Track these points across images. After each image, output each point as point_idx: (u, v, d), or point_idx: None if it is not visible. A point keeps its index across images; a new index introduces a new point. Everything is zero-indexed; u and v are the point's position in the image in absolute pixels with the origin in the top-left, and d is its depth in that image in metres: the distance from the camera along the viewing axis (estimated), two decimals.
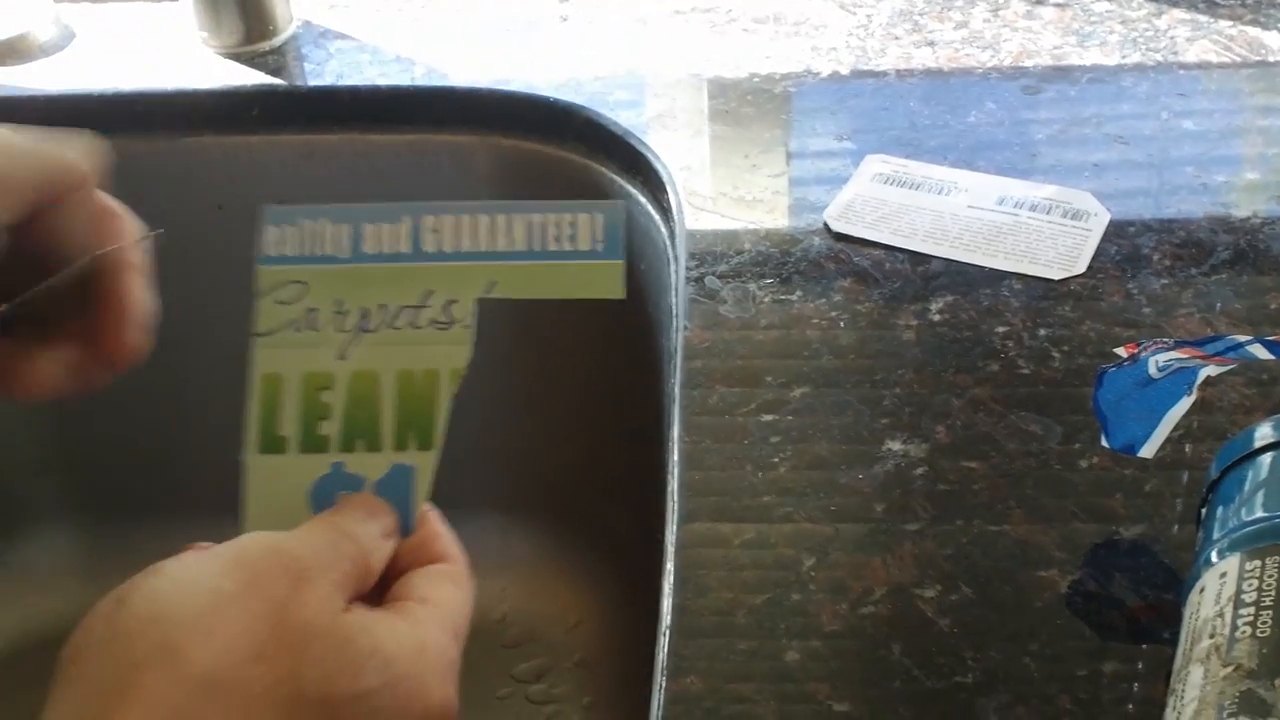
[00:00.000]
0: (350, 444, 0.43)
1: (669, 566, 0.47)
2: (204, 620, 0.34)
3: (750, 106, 0.68)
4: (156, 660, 0.34)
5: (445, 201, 0.43)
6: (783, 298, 0.56)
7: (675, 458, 0.50)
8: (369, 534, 0.40)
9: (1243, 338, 0.43)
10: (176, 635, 0.34)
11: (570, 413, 0.80)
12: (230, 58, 0.75)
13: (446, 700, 0.39)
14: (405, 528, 0.42)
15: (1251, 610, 0.35)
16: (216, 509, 0.87)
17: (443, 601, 0.40)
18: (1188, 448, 0.49)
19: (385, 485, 0.42)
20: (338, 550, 0.38)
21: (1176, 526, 0.46)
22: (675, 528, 0.48)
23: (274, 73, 0.74)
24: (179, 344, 0.80)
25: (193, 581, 0.36)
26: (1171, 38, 0.71)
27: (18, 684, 0.82)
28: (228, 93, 0.73)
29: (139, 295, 0.43)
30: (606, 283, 0.42)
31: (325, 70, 0.74)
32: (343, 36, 0.77)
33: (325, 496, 0.42)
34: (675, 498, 0.49)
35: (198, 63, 0.75)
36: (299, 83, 0.73)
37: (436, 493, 0.44)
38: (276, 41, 0.76)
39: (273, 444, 0.43)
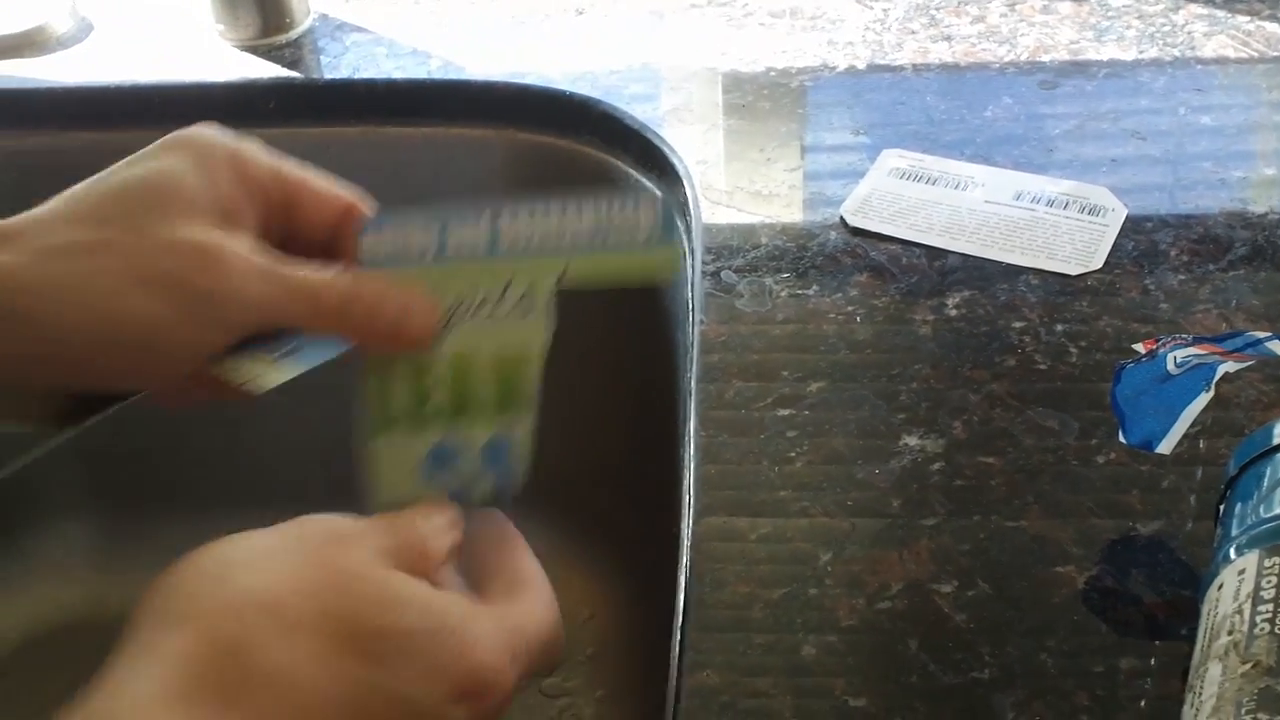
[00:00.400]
0: (454, 420, 0.47)
1: (684, 560, 0.47)
2: (256, 563, 0.39)
3: (766, 100, 0.68)
4: (211, 591, 0.38)
5: (519, 202, 0.47)
6: (799, 292, 0.56)
7: (691, 452, 0.50)
8: (426, 523, 0.43)
9: (1261, 334, 0.43)
10: (230, 572, 0.38)
11: (586, 406, 0.81)
12: (247, 50, 0.75)
13: (496, 664, 0.39)
14: (507, 494, 0.48)
15: (1270, 607, 0.35)
16: (230, 501, 0.88)
17: (511, 604, 0.43)
18: (1205, 444, 0.49)
19: (488, 454, 0.48)
20: (388, 526, 0.42)
21: (1193, 523, 0.46)
22: (691, 522, 0.48)
23: (290, 65, 0.74)
24: None
25: (249, 540, 0.40)
26: (1189, 33, 0.71)
27: (34, 673, 0.83)
28: (244, 85, 0.73)
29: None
30: (663, 266, 0.47)
31: (341, 63, 0.74)
32: (359, 30, 0.77)
33: (437, 465, 0.48)
34: (691, 492, 0.49)
35: (214, 55, 0.75)
36: (315, 76, 0.74)
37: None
38: (293, 34, 0.76)
39: (385, 423, 0.48)
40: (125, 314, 0.43)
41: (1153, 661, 0.42)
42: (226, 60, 0.75)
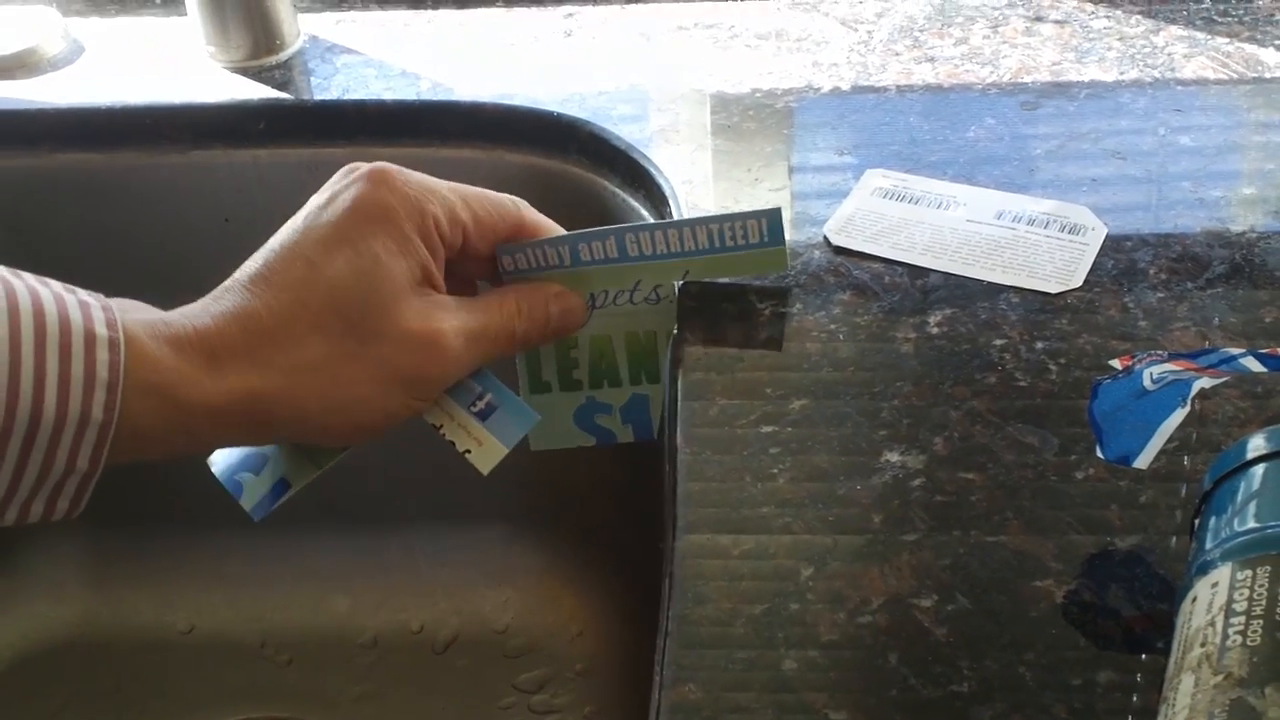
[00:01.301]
0: (597, 384, 0.59)
1: (669, 577, 0.47)
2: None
3: (752, 121, 0.69)
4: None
5: (642, 223, 0.57)
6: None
7: (676, 469, 0.51)
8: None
9: (1236, 351, 0.43)
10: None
11: None
12: (237, 72, 0.76)
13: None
14: (646, 437, 0.61)
15: (1242, 619, 0.36)
16: (221, 520, 0.88)
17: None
18: (1184, 460, 0.49)
19: (628, 409, 0.60)
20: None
21: (1173, 538, 0.47)
22: (675, 538, 0.48)
23: (281, 87, 0.75)
24: None
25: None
26: (1169, 54, 0.72)
27: (25, 691, 0.83)
28: (235, 106, 0.74)
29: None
30: (773, 263, 0.57)
31: (331, 85, 0.75)
32: (349, 51, 0.77)
33: (586, 418, 0.61)
34: (675, 509, 0.49)
35: (205, 76, 0.76)
36: (305, 97, 0.74)
37: (443, 503, 0.47)
38: (283, 56, 0.77)
39: (539, 387, 0.59)
40: (371, 411, 0.50)
41: (1131, 674, 0.43)
42: (217, 81, 0.75)
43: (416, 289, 0.50)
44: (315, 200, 0.51)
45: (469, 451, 0.53)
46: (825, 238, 0.60)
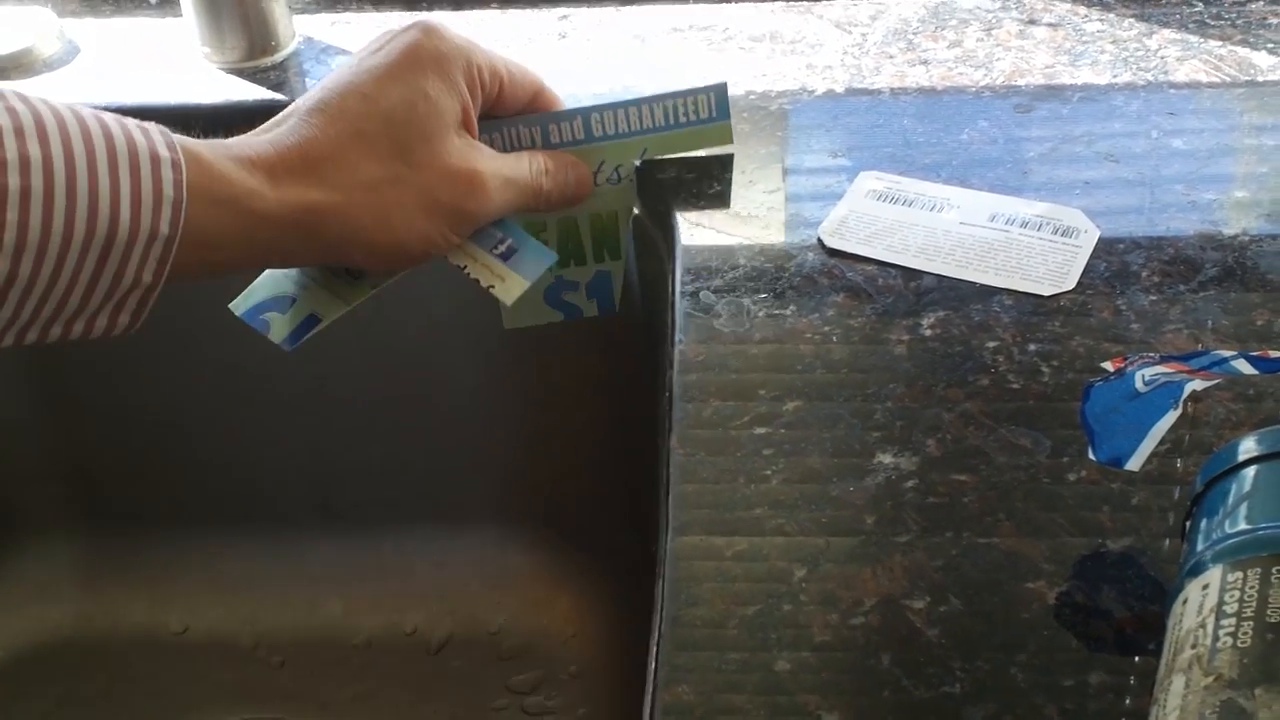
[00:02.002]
0: (565, 263, 0.64)
1: (662, 578, 0.47)
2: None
3: (746, 123, 0.69)
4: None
5: (605, 103, 0.62)
6: (777, 312, 0.57)
7: (669, 470, 0.51)
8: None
9: (1227, 353, 0.43)
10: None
11: (567, 426, 0.81)
12: (232, 73, 0.76)
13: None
14: (609, 311, 0.65)
15: (1233, 621, 0.36)
16: (215, 519, 0.88)
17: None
18: (1176, 462, 0.50)
19: (592, 285, 0.65)
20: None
21: (1165, 540, 0.47)
22: (669, 540, 0.48)
23: (276, 88, 0.75)
24: (177, 356, 0.80)
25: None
26: (1162, 58, 0.72)
27: (17, 691, 0.83)
28: (230, 107, 0.74)
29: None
30: (721, 137, 0.64)
31: None
32: (344, 53, 0.77)
33: (554, 295, 0.65)
34: (669, 510, 0.49)
35: (200, 77, 0.76)
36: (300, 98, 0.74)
37: (437, 505, 0.47)
38: (278, 57, 0.77)
39: None
40: (414, 234, 0.54)
41: (1122, 676, 0.43)
42: (212, 82, 0.75)
43: (458, 129, 0.55)
44: (364, 50, 0.56)
45: (493, 286, 0.56)
46: (819, 240, 0.61)
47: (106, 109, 0.74)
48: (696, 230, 0.62)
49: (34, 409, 0.82)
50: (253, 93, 0.74)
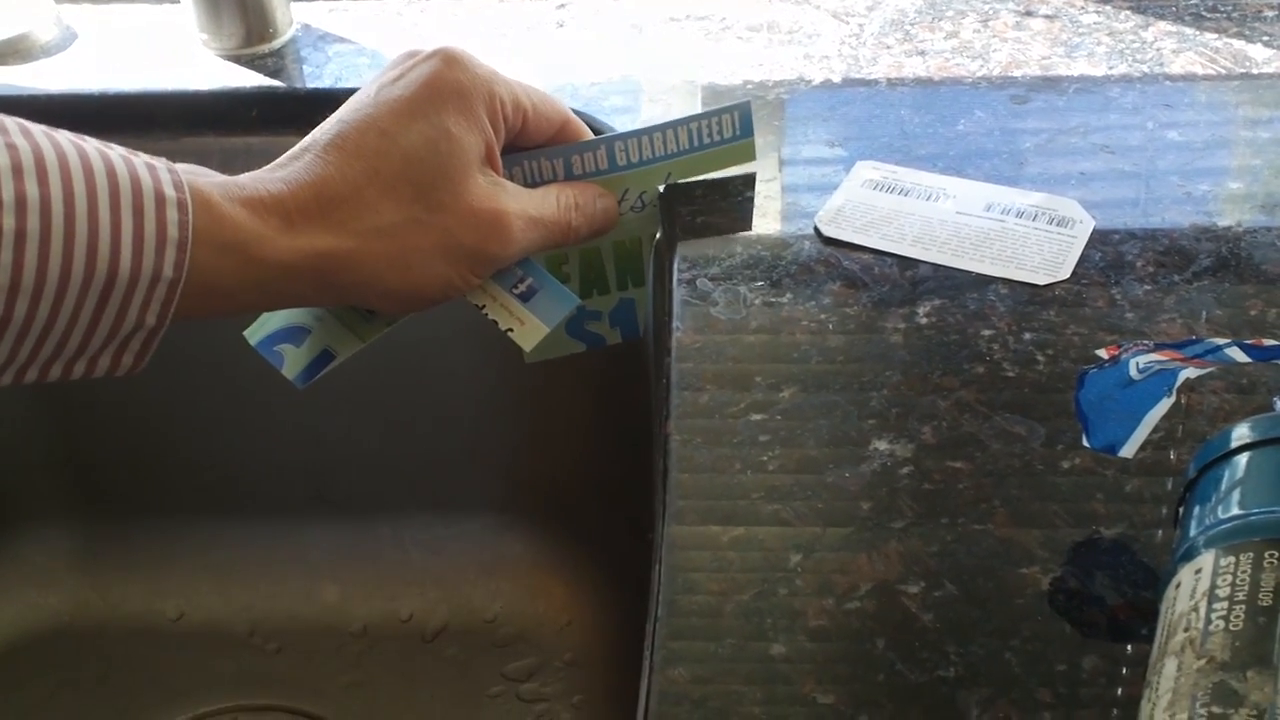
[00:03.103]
0: (587, 293, 0.63)
1: (658, 564, 0.47)
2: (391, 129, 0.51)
3: None
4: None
5: (630, 130, 0.59)
6: (773, 300, 0.57)
7: (666, 458, 0.51)
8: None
9: (1221, 341, 0.44)
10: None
11: (563, 414, 0.81)
12: (230, 59, 0.76)
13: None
14: (633, 339, 0.64)
15: (1225, 604, 0.36)
16: (211, 507, 0.88)
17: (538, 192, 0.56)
18: (1169, 450, 0.50)
19: (615, 313, 0.63)
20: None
21: (1158, 528, 0.47)
22: (665, 526, 0.49)
23: (273, 75, 0.75)
24: (177, 344, 0.80)
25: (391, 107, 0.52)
26: (1158, 49, 0.72)
27: (14, 678, 0.83)
28: (227, 94, 0.74)
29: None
30: (744, 155, 0.62)
31: (324, 73, 0.75)
32: (342, 40, 0.78)
33: (576, 326, 0.63)
34: (665, 497, 0.50)
35: (198, 64, 0.76)
36: (298, 85, 0.74)
37: (433, 493, 0.47)
38: (276, 44, 0.77)
39: None
40: (432, 278, 0.52)
41: (1115, 660, 0.43)
42: (210, 69, 0.75)
43: (481, 167, 0.52)
44: (382, 78, 0.53)
45: (511, 330, 0.55)
46: (816, 228, 0.61)
47: (104, 95, 0.75)
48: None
49: (31, 397, 0.82)
50: (250, 79, 0.75)
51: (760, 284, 0.58)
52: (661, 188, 0.61)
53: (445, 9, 0.80)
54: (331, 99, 0.73)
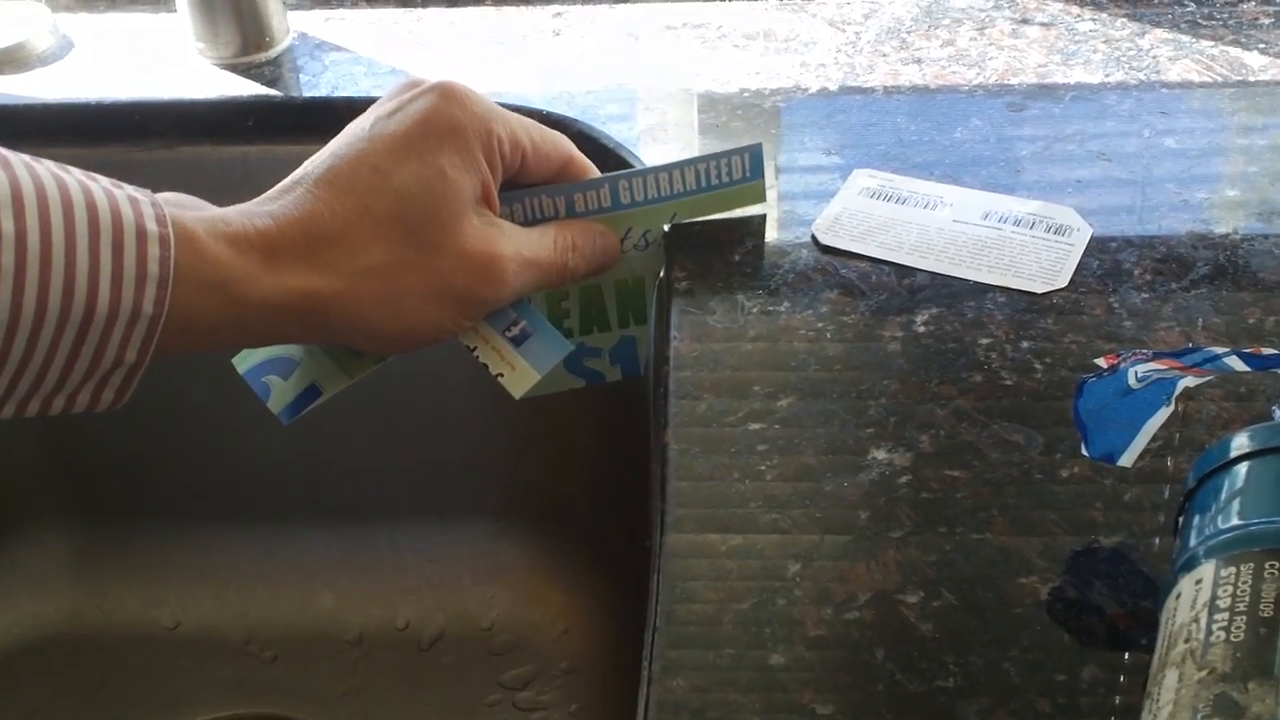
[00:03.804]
0: (587, 330, 0.61)
1: (656, 573, 0.47)
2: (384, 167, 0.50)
3: (740, 121, 0.69)
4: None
5: (634, 169, 0.58)
6: (770, 309, 0.57)
7: (664, 467, 0.51)
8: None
9: (1219, 350, 0.44)
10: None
11: (561, 421, 0.81)
12: (226, 68, 0.76)
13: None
14: (634, 376, 0.62)
15: (1226, 615, 0.36)
16: (208, 514, 0.88)
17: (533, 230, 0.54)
18: (1168, 459, 0.50)
19: (616, 350, 0.62)
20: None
21: (1156, 537, 0.47)
22: (663, 535, 0.49)
23: (270, 84, 0.75)
24: None
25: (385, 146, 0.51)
26: (1154, 57, 0.73)
27: (10, 686, 0.83)
28: (224, 103, 0.74)
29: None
30: (753, 196, 0.60)
31: (320, 82, 0.75)
32: (338, 49, 0.78)
33: (575, 362, 0.61)
34: (663, 506, 0.50)
35: (194, 73, 0.76)
36: (294, 94, 0.74)
37: (430, 500, 0.47)
38: (273, 53, 0.77)
39: None
40: (422, 321, 0.51)
41: (1114, 670, 0.43)
42: (206, 78, 0.75)
43: (476, 207, 0.51)
44: (379, 109, 0.52)
45: (502, 375, 0.54)
46: (813, 237, 0.61)
47: (100, 104, 0.75)
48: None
49: None
50: (247, 88, 0.74)
51: (758, 292, 0.58)
52: (666, 227, 0.59)
53: (440, 17, 0.80)
54: (328, 108, 0.73)
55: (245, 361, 0.55)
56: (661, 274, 0.59)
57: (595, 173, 0.57)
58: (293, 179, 0.50)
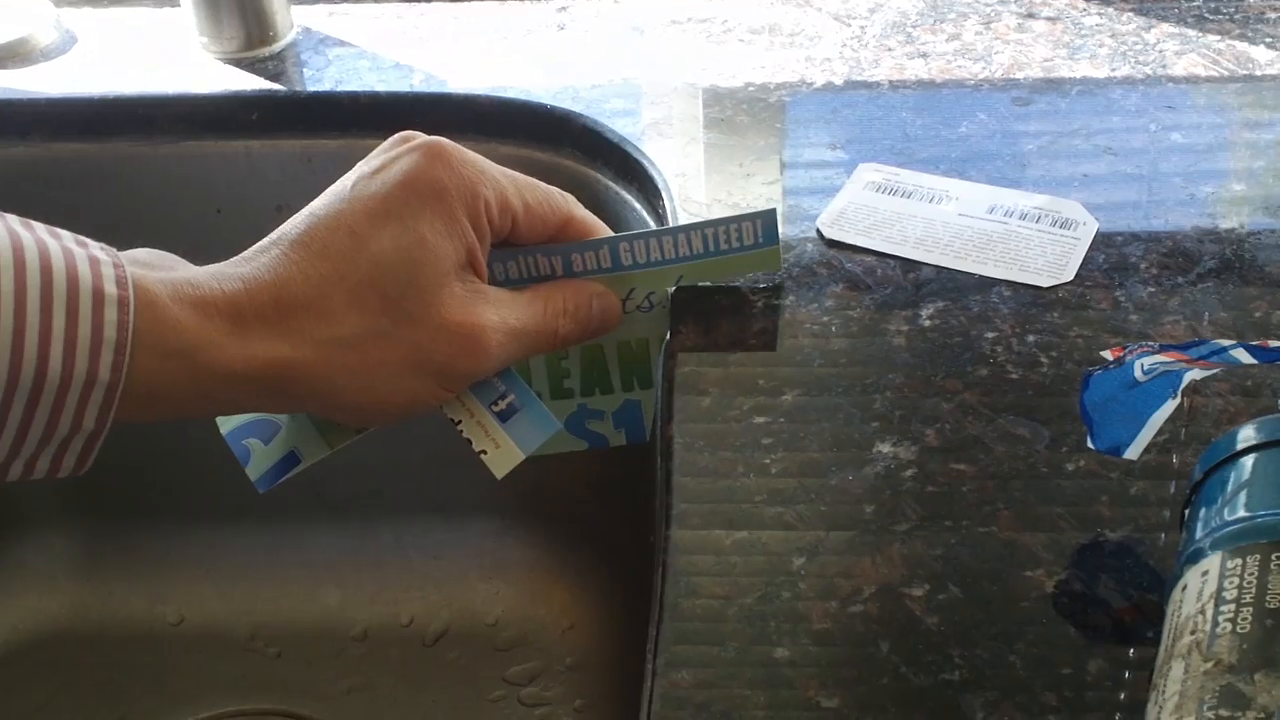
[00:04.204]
0: (589, 391, 0.57)
1: (661, 567, 0.47)
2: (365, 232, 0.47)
3: (745, 115, 0.69)
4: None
5: (637, 231, 0.54)
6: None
7: (669, 461, 0.51)
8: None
9: (1226, 342, 0.43)
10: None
11: None
12: (230, 63, 0.76)
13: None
14: (638, 441, 0.59)
15: (1232, 607, 0.36)
16: (211, 512, 0.88)
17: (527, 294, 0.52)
18: (1174, 453, 0.50)
19: (620, 414, 0.58)
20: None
21: (1163, 531, 0.47)
22: (667, 530, 0.48)
23: (273, 78, 0.75)
24: None
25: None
26: (1160, 51, 0.72)
27: (15, 682, 0.83)
28: (228, 97, 0.74)
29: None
30: (767, 262, 0.56)
31: (324, 76, 0.75)
32: (342, 43, 0.77)
33: (577, 424, 0.58)
34: (668, 500, 0.49)
35: (198, 68, 0.76)
36: (298, 88, 0.74)
37: (434, 496, 0.47)
38: (276, 47, 0.77)
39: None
40: (398, 394, 0.48)
41: (1120, 664, 0.43)
42: (210, 73, 0.75)
43: (459, 274, 0.48)
44: (364, 167, 0.49)
45: (485, 453, 0.51)
46: (818, 231, 0.61)
47: (104, 99, 0.75)
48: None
49: None
50: (251, 83, 0.74)
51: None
52: (672, 289, 0.56)
53: (445, 12, 0.80)
54: (332, 102, 0.73)
55: (228, 423, 0.53)
56: (668, 337, 0.55)
57: (601, 231, 0.54)
58: (270, 239, 0.48)
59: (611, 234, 0.54)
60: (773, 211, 0.54)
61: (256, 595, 0.86)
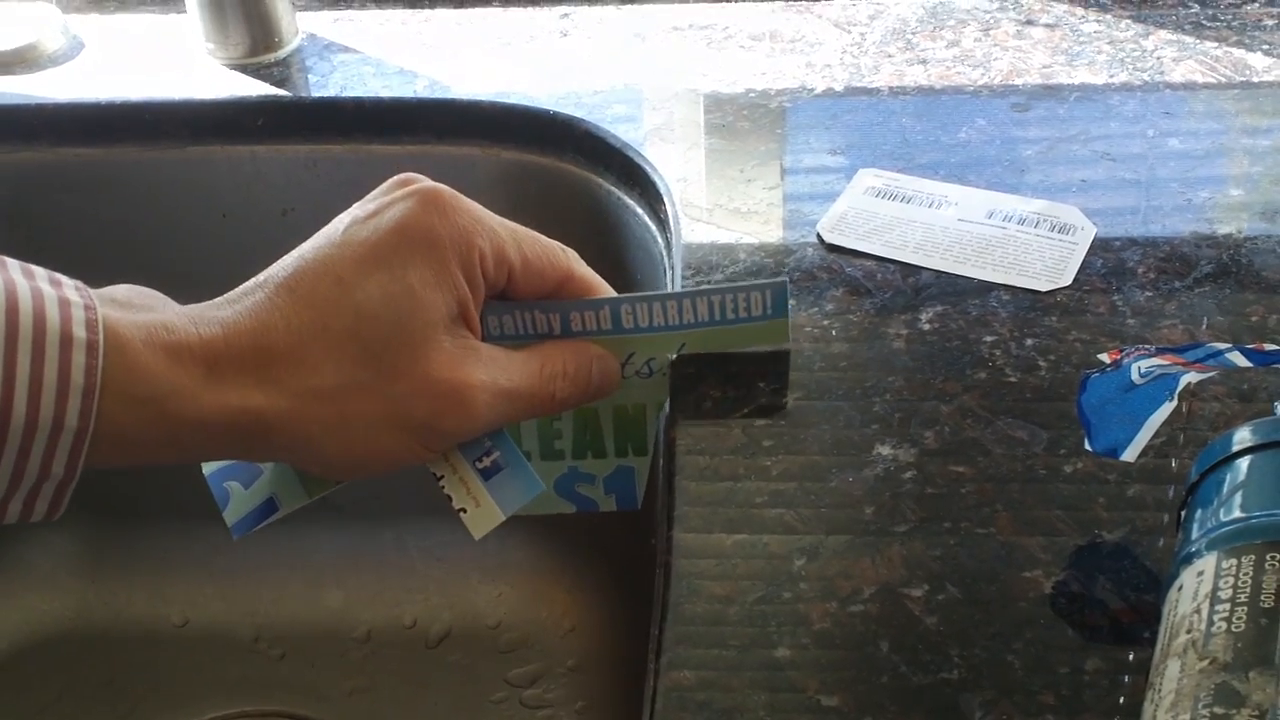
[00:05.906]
0: (581, 454, 0.55)
1: (663, 568, 0.48)
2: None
3: (746, 121, 0.70)
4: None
5: (639, 294, 0.51)
6: None
7: (670, 463, 0.51)
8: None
9: (1222, 345, 0.44)
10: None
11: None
12: (236, 69, 0.76)
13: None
14: (630, 507, 0.57)
15: (1227, 606, 0.36)
16: (214, 513, 0.88)
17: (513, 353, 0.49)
18: (1171, 456, 0.50)
19: (611, 479, 0.56)
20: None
21: (1159, 533, 0.47)
22: (669, 532, 0.49)
23: (279, 84, 0.75)
24: None
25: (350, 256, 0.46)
26: (1158, 58, 0.73)
27: (19, 684, 0.83)
28: (233, 103, 0.74)
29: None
30: (775, 335, 0.54)
31: (329, 82, 0.75)
32: (347, 50, 0.78)
33: (566, 486, 0.56)
34: (670, 502, 0.50)
35: (204, 73, 0.76)
36: (303, 94, 0.75)
37: (437, 498, 0.47)
38: (282, 53, 0.77)
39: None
40: (376, 450, 0.46)
41: (1117, 663, 0.43)
42: (216, 78, 0.76)
43: (449, 327, 0.46)
44: (358, 210, 0.47)
45: (464, 510, 0.49)
46: (818, 236, 0.61)
47: (110, 104, 0.75)
48: (697, 226, 0.63)
49: None
50: (256, 89, 0.75)
51: None
52: (673, 356, 0.54)
53: (448, 18, 0.81)
54: (337, 108, 0.74)
55: (210, 464, 0.51)
56: (666, 406, 0.54)
57: (602, 289, 0.51)
58: (257, 280, 0.46)
59: (614, 294, 0.52)
60: (784, 281, 0.52)
61: (260, 597, 0.86)
